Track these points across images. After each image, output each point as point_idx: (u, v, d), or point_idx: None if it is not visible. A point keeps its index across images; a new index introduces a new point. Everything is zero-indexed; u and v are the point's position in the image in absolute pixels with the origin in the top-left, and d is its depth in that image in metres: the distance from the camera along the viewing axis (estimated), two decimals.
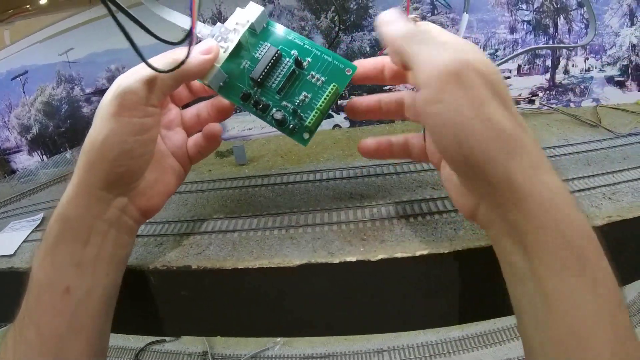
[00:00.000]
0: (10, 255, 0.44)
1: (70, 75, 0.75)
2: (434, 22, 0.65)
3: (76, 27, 0.70)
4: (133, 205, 0.33)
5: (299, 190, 0.46)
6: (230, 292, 0.37)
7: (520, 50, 0.55)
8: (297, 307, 0.38)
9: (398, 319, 0.38)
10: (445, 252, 0.33)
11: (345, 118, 0.69)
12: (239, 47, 0.34)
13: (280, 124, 0.34)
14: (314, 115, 0.33)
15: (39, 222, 0.51)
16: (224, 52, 0.33)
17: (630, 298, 0.98)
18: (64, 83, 0.76)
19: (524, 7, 0.66)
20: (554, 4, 0.66)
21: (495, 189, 0.25)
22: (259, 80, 0.33)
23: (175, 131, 0.38)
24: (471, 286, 0.36)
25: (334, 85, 0.33)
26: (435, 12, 0.66)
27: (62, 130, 0.79)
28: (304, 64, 0.34)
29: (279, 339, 0.95)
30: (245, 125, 0.71)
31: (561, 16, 0.66)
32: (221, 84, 0.34)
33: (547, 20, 0.66)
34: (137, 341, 1.02)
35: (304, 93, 0.34)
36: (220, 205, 0.45)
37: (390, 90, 0.55)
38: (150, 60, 0.30)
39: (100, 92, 0.72)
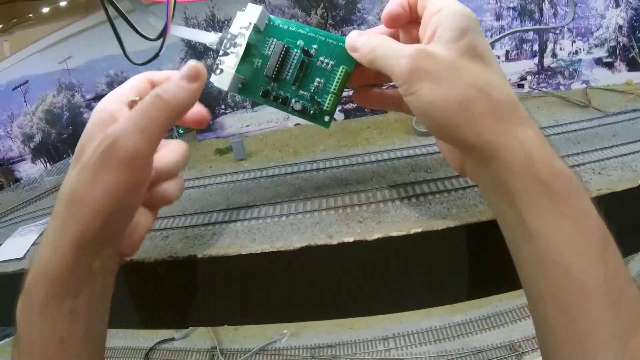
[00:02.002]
0: (19, 259, 0.46)
1: (70, 83, 0.77)
2: None
3: (74, 35, 0.72)
4: (117, 252, 0.31)
5: (297, 180, 0.47)
6: (235, 279, 0.39)
7: (500, 35, 0.56)
8: (299, 290, 0.39)
9: (398, 298, 0.39)
10: (439, 229, 0.35)
11: (339, 110, 0.71)
12: (248, 48, 0.35)
13: (301, 113, 0.36)
14: (330, 99, 0.35)
15: (46, 226, 0.52)
16: (235, 56, 0.35)
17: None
18: (65, 90, 0.78)
19: None
20: None
21: (472, 148, 0.28)
22: (274, 75, 0.35)
23: None
24: (467, 262, 0.37)
25: (343, 68, 0.34)
26: None
27: (64, 137, 0.80)
28: (312, 51, 0.35)
29: (285, 330, 0.97)
30: (242, 123, 0.72)
31: (546, 1, 0.68)
32: (240, 86, 0.36)
33: (532, 5, 0.68)
34: (146, 341, 1.03)
35: (317, 79, 0.35)
36: (222, 198, 0.47)
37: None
38: (162, 89, 0.28)
39: (101, 97, 0.74)
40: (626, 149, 0.44)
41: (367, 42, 0.31)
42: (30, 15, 0.57)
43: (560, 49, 0.70)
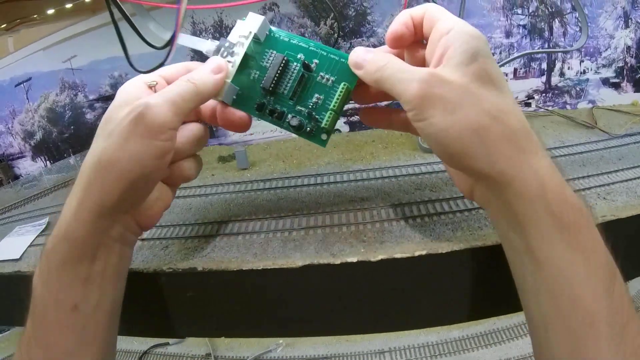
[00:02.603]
0: (16, 260, 0.45)
1: (73, 82, 0.76)
2: None
3: (79, 35, 0.71)
4: (135, 222, 0.33)
5: (300, 194, 0.47)
6: (235, 293, 0.38)
7: (515, 55, 0.56)
8: (299, 307, 0.39)
9: (398, 318, 0.39)
10: (444, 252, 0.34)
11: (345, 122, 0.70)
12: (246, 58, 0.34)
13: (297, 129, 0.34)
14: (329, 117, 0.33)
15: (44, 226, 0.52)
16: (232, 66, 0.34)
17: None
18: (68, 90, 0.77)
19: (519, 11, 0.67)
20: (549, 8, 0.67)
21: (485, 177, 0.28)
22: (271, 88, 0.34)
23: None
24: (469, 285, 0.36)
25: (344, 85, 0.33)
26: None
27: (65, 136, 0.80)
28: (312, 66, 0.34)
29: (281, 340, 0.96)
30: (246, 131, 0.72)
31: (556, 20, 0.67)
32: (234, 97, 0.35)
33: (543, 24, 0.67)
34: (140, 344, 1.02)
35: (316, 95, 0.34)
36: (223, 209, 0.46)
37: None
38: (192, 76, 0.31)
39: (103, 98, 0.73)
40: (632, 174, 0.44)
41: (374, 59, 0.31)
42: (35, 15, 0.56)
43: (569, 68, 0.70)
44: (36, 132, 0.81)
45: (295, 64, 0.34)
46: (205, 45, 0.35)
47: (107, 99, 0.69)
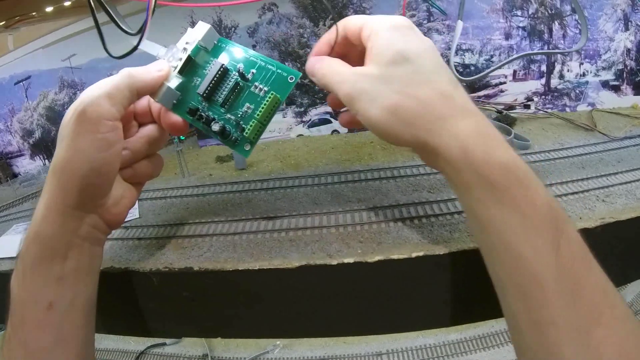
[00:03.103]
0: (13, 258, 0.45)
1: (72, 81, 0.76)
2: (430, 29, 0.67)
3: (79, 34, 0.71)
4: (102, 220, 0.33)
5: (297, 194, 0.47)
6: (231, 293, 0.38)
7: (514, 56, 0.56)
8: (296, 307, 0.39)
9: (395, 319, 0.38)
10: (441, 253, 0.34)
11: None
12: (191, 65, 0.35)
13: (222, 136, 0.34)
14: (251, 125, 0.33)
15: None
16: (174, 69, 0.35)
17: (627, 300, 0.98)
18: (67, 88, 0.77)
19: (519, 13, 0.67)
20: (549, 10, 0.66)
21: (419, 150, 0.30)
22: (205, 95, 0.34)
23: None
24: (466, 287, 0.36)
25: (272, 94, 0.33)
26: (431, 19, 0.67)
27: None
28: (248, 76, 0.34)
29: (278, 342, 0.96)
30: None
31: (556, 22, 0.67)
32: (174, 101, 0.35)
33: (542, 26, 0.67)
34: (137, 344, 1.02)
35: (247, 105, 0.34)
36: (221, 209, 0.46)
37: None
38: (132, 69, 0.33)
39: None
40: (631, 176, 0.43)
41: (319, 68, 0.33)
42: (34, 13, 0.56)
43: (568, 70, 0.70)
44: (35, 131, 0.81)
45: (234, 72, 0.34)
46: (157, 50, 0.36)
47: None
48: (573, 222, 0.29)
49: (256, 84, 0.34)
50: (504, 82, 0.70)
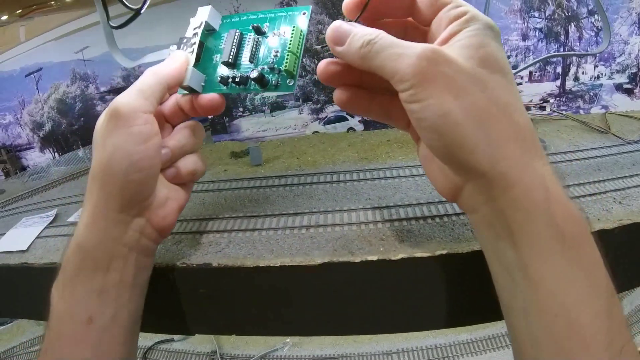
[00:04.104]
0: (23, 251, 0.45)
1: (85, 74, 0.76)
2: None
3: (92, 26, 0.71)
4: (150, 225, 0.32)
5: (316, 191, 0.47)
6: (250, 291, 0.38)
7: (539, 58, 0.56)
8: (317, 306, 0.38)
9: (417, 318, 0.38)
10: (464, 252, 0.34)
11: (359, 121, 0.70)
12: (205, 49, 0.36)
13: (261, 83, 0.33)
14: (287, 60, 0.33)
15: (52, 218, 0.51)
16: (192, 54, 0.35)
17: (631, 308, 0.98)
18: (79, 81, 0.77)
19: (536, 14, 0.67)
20: (565, 12, 0.66)
21: (481, 177, 0.24)
22: (230, 60, 0.34)
23: None
24: (489, 286, 0.36)
25: (293, 29, 0.33)
26: None
27: (75, 128, 0.79)
28: (263, 29, 0.34)
29: (288, 339, 0.96)
30: (259, 127, 0.71)
31: (572, 24, 0.67)
32: (202, 84, 0.35)
33: (559, 28, 0.67)
34: (145, 340, 1.02)
35: (273, 51, 0.34)
36: (238, 205, 0.46)
37: None
38: (154, 67, 0.33)
39: (115, 90, 0.73)
40: None
41: (361, 33, 0.26)
42: (52, 2, 0.56)
43: (583, 72, 0.70)
44: (45, 123, 0.81)
45: (249, 34, 0.35)
46: (167, 52, 0.36)
47: (119, 91, 0.69)
48: None
49: (274, 31, 0.34)
50: (520, 84, 0.70)
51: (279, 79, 0.34)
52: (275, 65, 0.33)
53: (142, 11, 0.35)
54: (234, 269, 0.36)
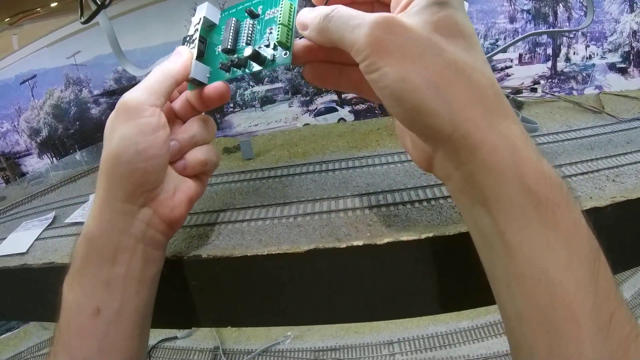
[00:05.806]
0: (23, 253, 0.45)
1: (78, 78, 0.77)
2: None
3: (83, 31, 0.72)
4: (157, 216, 0.32)
5: (305, 181, 0.47)
6: (240, 281, 0.38)
7: (520, 37, 0.56)
8: (305, 293, 0.38)
9: (406, 304, 0.38)
10: (451, 233, 0.34)
11: (349, 111, 0.70)
12: (209, 43, 0.36)
13: (258, 61, 0.33)
14: (278, 32, 0.32)
15: (50, 220, 0.52)
16: (194, 48, 0.35)
17: (633, 291, 0.98)
18: (72, 85, 0.78)
19: None
20: None
21: (446, 141, 0.24)
22: (229, 47, 0.34)
23: None
24: (479, 269, 0.36)
25: (281, 3, 0.33)
26: None
27: (71, 132, 0.80)
28: (257, 12, 0.35)
29: (289, 332, 0.96)
30: (251, 122, 0.72)
31: (560, 4, 0.67)
32: (207, 75, 0.35)
33: (547, 8, 0.67)
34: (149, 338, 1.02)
35: (267, 29, 0.34)
36: (228, 198, 0.46)
37: None
38: (160, 65, 0.33)
39: (108, 93, 0.74)
40: None
41: (319, 10, 0.27)
42: (39, 9, 0.57)
43: (574, 53, 0.69)
44: (42, 129, 0.82)
45: (245, 20, 0.35)
46: (148, 69, 0.38)
47: (112, 93, 0.69)
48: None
49: (267, 12, 0.34)
50: (510, 66, 0.70)
51: (275, 54, 0.34)
52: (269, 41, 0.34)
53: (106, 4, 0.35)
54: (223, 259, 0.36)
